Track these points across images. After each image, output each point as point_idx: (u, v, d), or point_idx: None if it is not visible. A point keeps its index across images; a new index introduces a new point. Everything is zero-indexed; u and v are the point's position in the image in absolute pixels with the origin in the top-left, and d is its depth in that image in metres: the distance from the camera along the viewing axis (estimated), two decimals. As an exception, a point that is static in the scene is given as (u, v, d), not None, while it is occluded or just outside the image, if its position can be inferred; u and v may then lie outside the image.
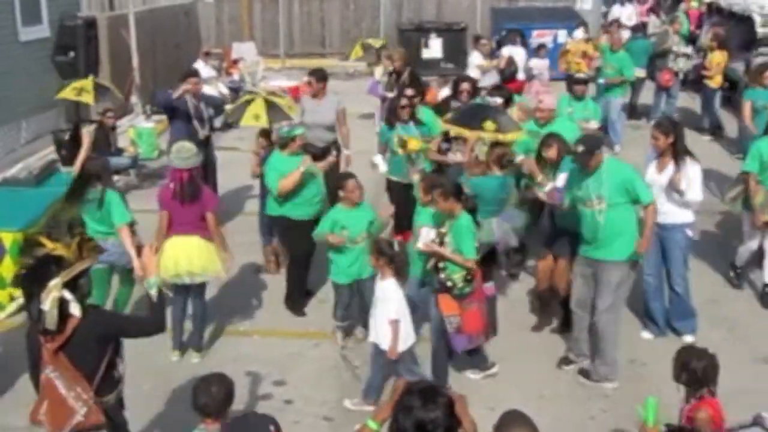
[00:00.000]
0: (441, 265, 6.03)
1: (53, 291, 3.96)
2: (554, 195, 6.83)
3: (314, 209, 7.60)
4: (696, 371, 4.75)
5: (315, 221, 7.27)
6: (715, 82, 13.58)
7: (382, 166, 8.84)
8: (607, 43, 13.66)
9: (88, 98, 10.16)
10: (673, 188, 6.77)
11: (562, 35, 18.01)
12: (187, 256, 6.62)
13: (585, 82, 10.36)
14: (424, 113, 8.82)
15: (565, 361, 6.76)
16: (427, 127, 8.60)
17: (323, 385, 6.45)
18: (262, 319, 7.69)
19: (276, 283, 8.43)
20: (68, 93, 10.46)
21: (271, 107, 9.22)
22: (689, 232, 7.01)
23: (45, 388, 4.12)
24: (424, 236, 6.23)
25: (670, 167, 6.81)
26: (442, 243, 6.05)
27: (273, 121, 8.99)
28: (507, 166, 7.13)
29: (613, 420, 6.05)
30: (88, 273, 4.22)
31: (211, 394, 3.98)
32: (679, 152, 6.79)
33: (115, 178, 11.35)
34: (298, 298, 7.82)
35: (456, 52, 18.87)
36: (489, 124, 7.52)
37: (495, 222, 6.76)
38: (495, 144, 7.35)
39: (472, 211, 6.14)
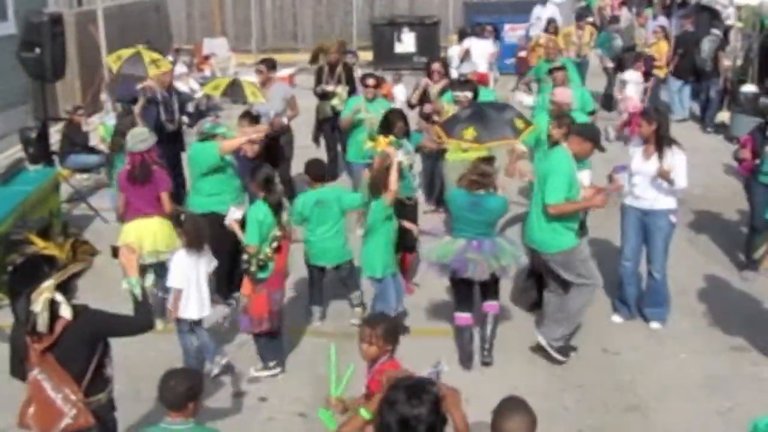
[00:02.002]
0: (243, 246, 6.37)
1: (45, 292, 3.91)
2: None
3: (239, 202, 7.64)
4: None
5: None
6: (662, 72, 13.93)
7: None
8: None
9: (116, 65, 10.35)
10: (663, 179, 6.84)
11: (534, 28, 18.05)
12: (151, 236, 6.97)
13: (563, 68, 9.83)
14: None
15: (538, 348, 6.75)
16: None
17: (297, 381, 6.43)
18: (234, 317, 7.62)
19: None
20: (113, 60, 10.53)
21: (233, 85, 9.41)
22: (673, 218, 7.09)
23: (32, 389, 4.06)
24: (230, 214, 6.55)
25: (655, 155, 6.89)
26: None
27: (229, 96, 9.45)
28: (474, 185, 6.34)
29: (586, 409, 6.07)
30: (80, 276, 4.18)
31: (169, 388, 3.97)
32: (662, 140, 6.86)
33: (85, 176, 11.31)
34: (223, 291, 7.62)
35: (429, 46, 18.85)
36: (469, 132, 7.04)
37: (462, 245, 6.33)
38: (483, 158, 6.66)
39: (278, 205, 6.38)
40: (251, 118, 8.67)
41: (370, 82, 9.39)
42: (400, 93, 12.53)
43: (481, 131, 6.87)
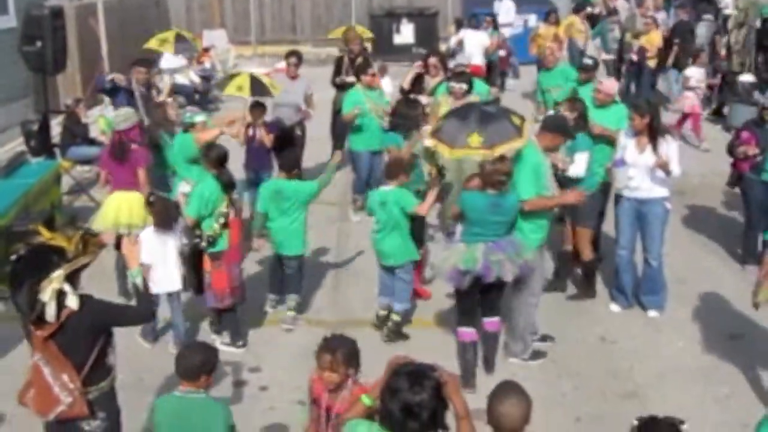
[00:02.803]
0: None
1: (54, 282, 3.96)
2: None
3: None
4: None
5: None
6: (652, 62, 13.90)
7: None
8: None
9: (168, 48, 10.49)
10: (662, 170, 6.89)
11: (532, 20, 18.11)
12: (128, 209, 7.26)
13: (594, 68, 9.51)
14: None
15: (541, 338, 6.82)
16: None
17: (297, 371, 6.43)
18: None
19: (248, 272, 8.45)
20: (152, 43, 10.67)
21: (255, 82, 9.45)
22: (668, 205, 7.14)
23: (32, 374, 4.14)
24: (179, 188, 6.94)
25: (649, 147, 6.93)
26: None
27: (254, 94, 9.31)
28: (499, 185, 5.97)
29: (584, 397, 6.14)
30: (87, 267, 4.24)
31: (185, 358, 4.14)
32: (655, 132, 6.90)
33: (86, 168, 11.35)
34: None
35: (428, 38, 18.88)
36: (474, 138, 6.21)
37: (481, 249, 5.96)
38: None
39: (228, 183, 6.65)
40: (263, 108, 8.98)
41: (370, 71, 9.66)
42: (387, 85, 12.54)
43: (487, 135, 6.17)
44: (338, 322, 7.01)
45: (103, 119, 11.80)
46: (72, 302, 4.00)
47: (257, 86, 9.32)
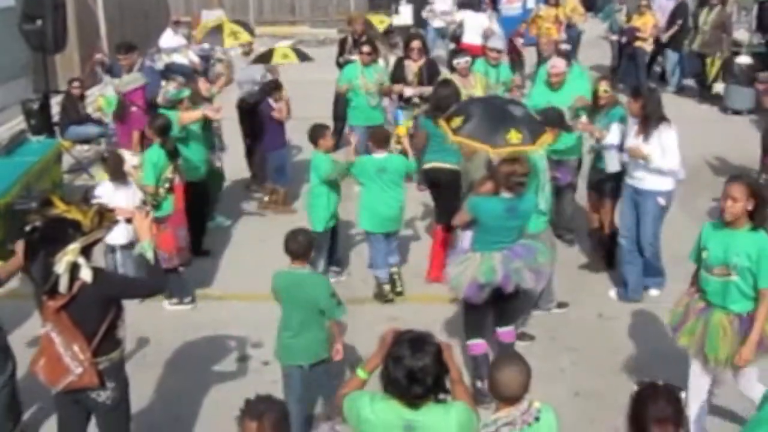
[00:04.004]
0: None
1: (69, 255, 4.01)
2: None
3: (203, 170, 8.11)
4: None
5: (201, 184, 8.02)
6: (648, 44, 13.84)
7: None
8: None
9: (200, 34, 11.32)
10: (633, 156, 6.86)
11: (530, 1, 18.07)
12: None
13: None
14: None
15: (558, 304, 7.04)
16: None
17: (300, 346, 6.54)
18: (237, 285, 7.76)
19: (248, 248, 8.52)
20: (199, 31, 11.18)
21: (298, 50, 10.75)
22: (661, 201, 7.03)
23: (44, 344, 4.20)
24: (128, 161, 7.32)
25: (642, 135, 6.88)
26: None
27: (301, 60, 10.54)
28: (517, 187, 5.63)
29: (582, 372, 6.22)
30: (100, 241, 4.32)
31: (296, 240, 5.11)
32: (648, 120, 6.83)
33: (86, 147, 11.38)
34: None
35: (425, 20, 18.79)
36: (513, 135, 5.82)
37: (498, 258, 5.59)
38: (504, 160, 5.74)
39: (173, 150, 7.11)
40: (279, 86, 9.29)
41: (366, 49, 9.75)
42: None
43: (524, 131, 5.84)
44: (346, 299, 7.05)
45: (103, 98, 11.81)
46: (86, 275, 4.05)
47: (301, 53, 10.78)
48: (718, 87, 13.84)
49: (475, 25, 14.11)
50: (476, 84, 8.94)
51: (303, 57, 10.69)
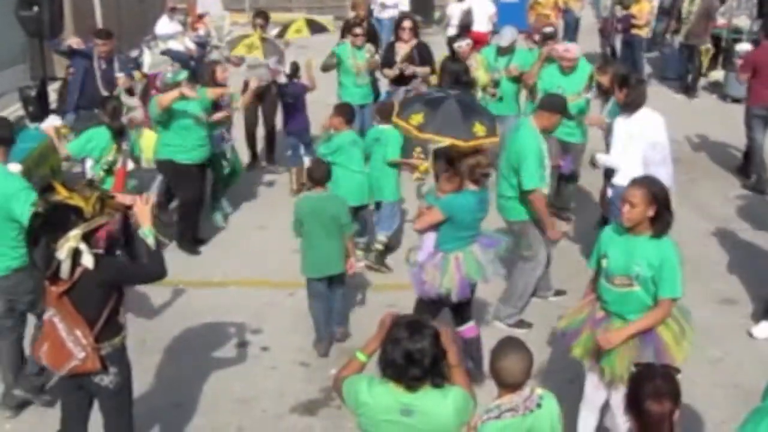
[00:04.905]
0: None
1: (71, 241, 4.02)
2: None
3: (200, 154, 8.01)
4: None
5: (202, 166, 8.04)
6: (644, 32, 13.73)
7: None
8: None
9: (258, 53, 10.49)
10: (598, 126, 7.35)
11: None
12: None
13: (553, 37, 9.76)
14: None
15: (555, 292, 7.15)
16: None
17: (298, 332, 6.59)
18: (236, 271, 7.78)
19: (248, 235, 8.55)
20: (240, 50, 10.66)
21: (311, 23, 10.63)
22: (609, 191, 7.06)
23: (47, 329, 4.22)
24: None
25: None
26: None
27: (314, 32, 10.71)
28: (482, 178, 5.62)
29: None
30: (103, 228, 4.30)
31: (321, 170, 6.32)
32: (628, 106, 6.82)
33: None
34: (188, 242, 8.09)
35: (423, 5, 18.77)
36: (479, 127, 5.74)
37: (478, 250, 5.62)
38: (465, 153, 5.64)
39: (119, 132, 7.08)
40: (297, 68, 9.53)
41: (358, 31, 9.95)
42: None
43: (429, 120, 5.74)
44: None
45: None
46: (87, 261, 4.06)
47: (315, 26, 10.74)
48: (718, 75, 13.86)
49: (483, 13, 14.10)
50: (478, 66, 8.94)
51: (316, 29, 10.79)
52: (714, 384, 5.93)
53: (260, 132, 10.40)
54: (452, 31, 12.51)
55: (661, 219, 4.53)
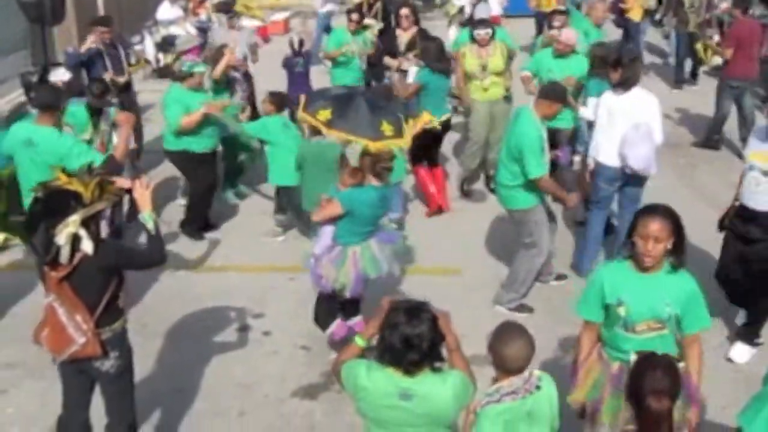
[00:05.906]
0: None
1: (70, 226, 4.04)
2: None
3: (213, 142, 8.08)
4: None
5: (214, 154, 8.11)
6: (636, 14, 13.59)
7: None
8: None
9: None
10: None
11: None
12: None
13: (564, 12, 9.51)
14: None
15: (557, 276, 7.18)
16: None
17: (300, 317, 6.61)
18: (237, 256, 7.82)
19: (250, 220, 8.57)
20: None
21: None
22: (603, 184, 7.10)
23: (47, 314, 4.24)
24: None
25: None
26: None
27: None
28: (384, 173, 5.65)
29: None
30: (102, 213, 4.33)
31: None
32: (622, 84, 6.82)
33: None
34: (195, 230, 8.12)
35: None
36: (386, 127, 5.70)
37: (375, 246, 5.66)
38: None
39: (96, 110, 7.11)
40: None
41: (354, 17, 10.16)
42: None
43: (337, 118, 5.70)
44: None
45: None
46: (87, 247, 4.08)
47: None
48: (718, 60, 13.76)
49: None
50: (495, 52, 8.86)
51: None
52: (715, 369, 5.94)
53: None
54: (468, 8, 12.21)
55: (679, 249, 4.12)
